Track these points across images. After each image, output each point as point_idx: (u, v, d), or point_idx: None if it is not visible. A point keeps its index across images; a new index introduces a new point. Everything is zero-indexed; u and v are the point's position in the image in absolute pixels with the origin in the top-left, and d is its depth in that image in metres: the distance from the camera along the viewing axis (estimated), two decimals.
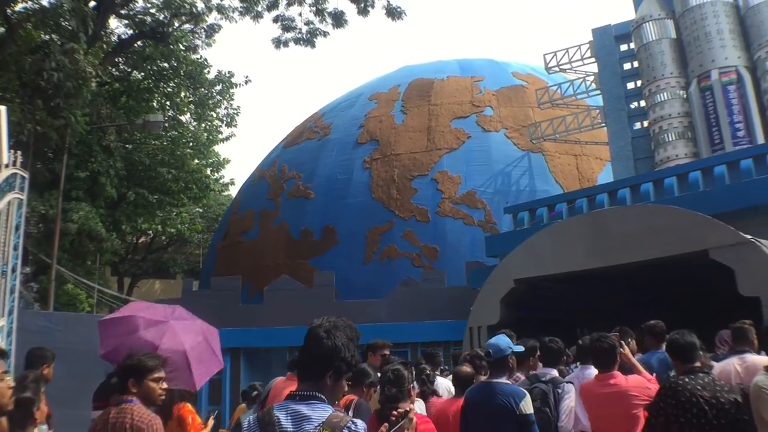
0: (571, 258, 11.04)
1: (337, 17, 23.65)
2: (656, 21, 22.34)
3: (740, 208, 13.18)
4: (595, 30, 24.59)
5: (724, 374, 5.80)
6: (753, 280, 9.08)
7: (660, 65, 21.74)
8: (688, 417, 4.09)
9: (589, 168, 26.00)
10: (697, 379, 4.28)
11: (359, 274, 23.11)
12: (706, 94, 20.32)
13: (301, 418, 2.93)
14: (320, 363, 3.06)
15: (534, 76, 29.32)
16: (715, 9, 20.95)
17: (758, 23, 20.24)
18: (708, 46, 20.64)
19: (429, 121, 26.45)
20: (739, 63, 20.28)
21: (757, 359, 5.70)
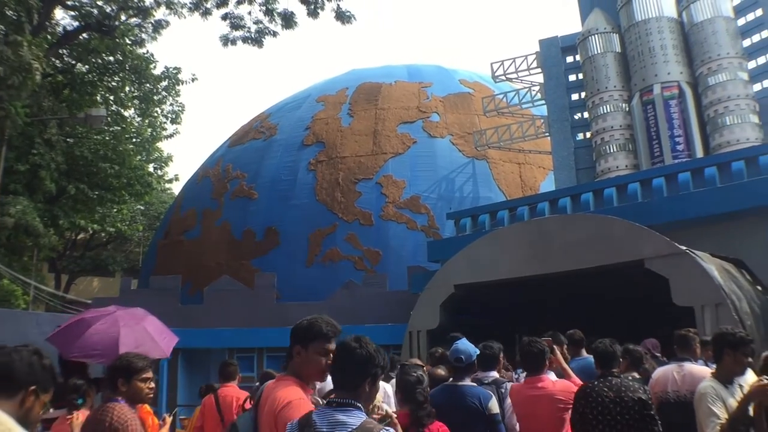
0: (511, 264, 11.18)
1: (287, 18, 23.56)
2: (602, 34, 22.76)
3: (677, 220, 13.54)
4: (542, 41, 24.96)
5: (662, 380, 6.01)
6: (686, 290, 9.31)
7: (604, 78, 22.16)
8: (595, 414, 4.72)
9: (532, 176, 26.37)
10: (605, 382, 4.90)
11: (301, 277, 23.06)
12: (648, 107, 20.77)
13: (336, 424, 3.12)
14: (358, 372, 3.27)
15: (481, 84, 29.63)
16: (659, 25, 21.43)
17: (701, 40, 20.75)
18: (651, 60, 21.09)
19: (375, 125, 26.52)
20: (681, 78, 20.76)
21: (695, 368, 5.86)
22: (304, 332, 3.80)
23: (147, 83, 31.22)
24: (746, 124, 19.48)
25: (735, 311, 8.97)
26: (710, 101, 20.09)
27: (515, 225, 13.95)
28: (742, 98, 19.82)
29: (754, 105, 19.95)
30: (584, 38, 23.06)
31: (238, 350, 17.13)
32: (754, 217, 13.18)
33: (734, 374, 4.72)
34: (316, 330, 3.79)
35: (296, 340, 3.82)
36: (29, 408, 2.87)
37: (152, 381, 4.87)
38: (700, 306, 9.08)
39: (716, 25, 20.68)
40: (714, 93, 20.06)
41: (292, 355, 3.81)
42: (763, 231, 13.19)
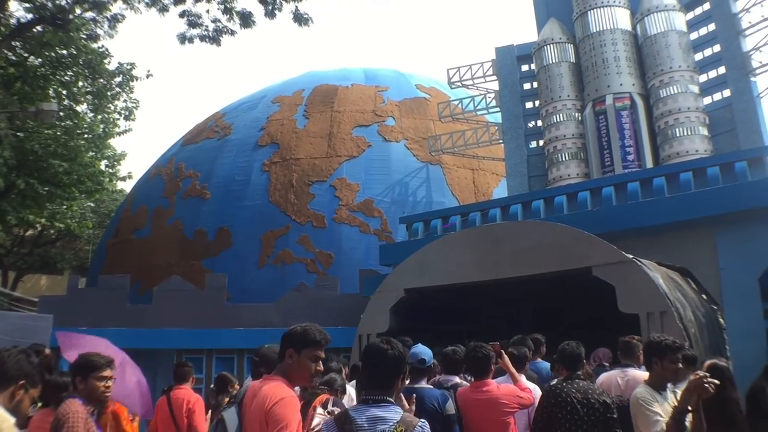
0: (461, 270, 11.18)
1: (245, 17, 23.32)
2: (557, 44, 23.02)
3: (626, 229, 13.75)
4: (498, 49, 25.14)
5: (605, 385, 6.10)
6: (632, 298, 9.40)
7: (558, 87, 22.42)
8: (563, 413, 4.95)
9: (485, 182, 26.54)
10: (572, 384, 5.16)
11: (253, 278, 22.89)
12: (600, 117, 21.05)
13: (375, 419, 3.41)
14: (392, 371, 3.61)
15: (437, 89, 29.77)
16: (613, 37, 21.74)
17: (654, 53, 21.10)
18: (605, 71, 21.39)
19: (331, 127, 26.47)
20: (634, 90, 21.09)
21: (638, 374, 5.95)
22: (298, 338, 3.89)
23: (101, 78, 30.62)
24: (696, 137, 19.85)
25: (679, 319, 9.09)
26: (661, 113, 20.44)
27: (466, 230, 13.98)
28: (692, 111, 20.19)
29: (704, 118, 20.33)
30: (539, 47, 23.30)
31: (187, 351, 16.90)
32: (701, 227, 13.44)
33: (665, 381, 4.81)
34: (310, 337, 3.89)
35: (290, 344, 3.90)
36: (19, 401, 3.21)
37: (110, 380, 4.86)
38: (645, 313, 9.17)
39: (669, 39, 21.05)
40: (665, 105, 20.41)
41: (284, 357, 3.89)
42: (710, 241, 13.45)
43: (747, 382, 9.87)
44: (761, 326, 12.71)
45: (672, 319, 9.00)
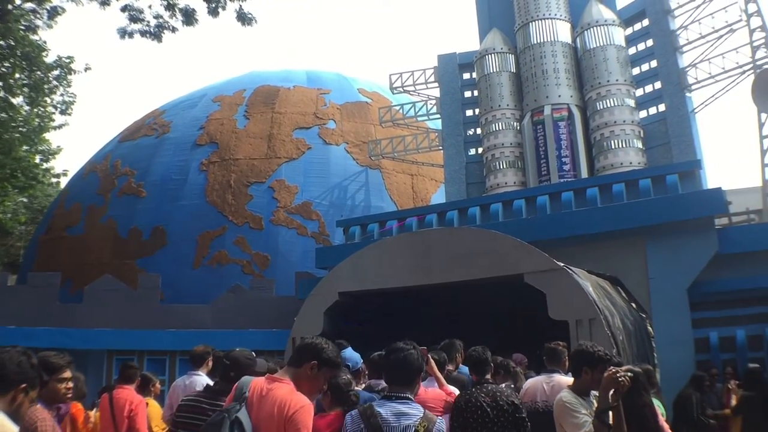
0: (396, 274, 11.17)
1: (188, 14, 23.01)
2: (498, 54, 23.25)
3: (559, 237, 13.93)
4: (440, 56, 25.30)
5: (532, 390, 6.17)
6: (562, 305, 9.49)
7: (498, 96, 22.65)
8: (475, 417, 5.10)
9: (424, 188, 26.68)
10: (482, 389, 5.31)
11: (187, 279, 22.60)
12: (538, 127, 21.32)
13: (399, 414, 3.75)
14: (416, 372, 4.03)
15: (379, 94, 29.83)
16: (553, 48, 22.06)
17: (593, 66, 21.47)
18: (544, 82, 21.67)
19: (271, 128, 26.30)
20: (572, 101, 21.42)
21: (563, 379, 5.99)
22: (326, 355, 3.97)
23: (38, 71, 29.90)
24: (630, 149, 20.25)
25: (607, 327, 9.21)
26: (598, 125, 20.79)
27: (401, 235, 14.01)
28: (628, 124, 20.59)
29: (639, 131, 20.76)
30: (481, 56, 23.51)
31: (118, 352, 16.56)
32: (632, 237, 13.69)
33: (591, 389, 4.85)
34: (336, 360, 4.04)
35: (315, 357, 3.95)
36: (19, 404, 3.17)
37: (70, 381, 4.75)
38: (575, 320, 9.28)
39: (608, 53, 21.44)
40: (602, 117, 20.77)
41: (302, 365, 3.94)
42: (641, 251, 13.69)
43: (675, 390, 10.10)
44: (689, 335, 12.98)
45: (600, 326, 9.12)
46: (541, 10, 22.50)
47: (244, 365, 4.84)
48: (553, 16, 22.45)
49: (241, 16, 22.21)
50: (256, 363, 5.04)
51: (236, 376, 4.48)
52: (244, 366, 4.83)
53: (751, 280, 13.30)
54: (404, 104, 26.52)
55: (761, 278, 13.31)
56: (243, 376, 4.29)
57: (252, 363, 4.91)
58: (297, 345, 4.20)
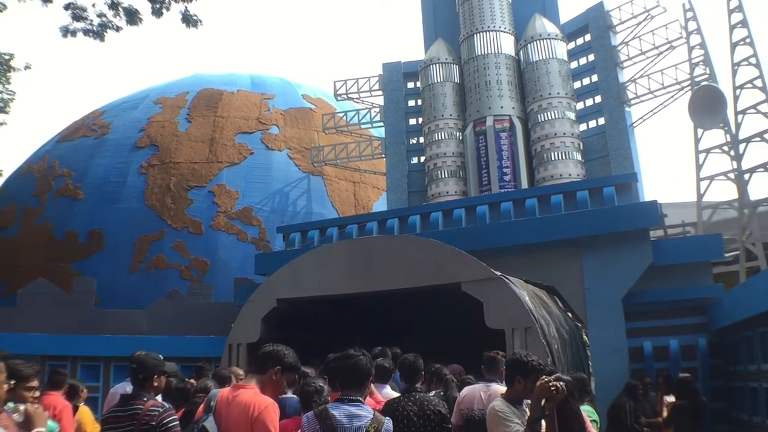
0: (334, 281, 11.13)
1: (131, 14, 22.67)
2: (443, 64, 23.42)
3: (498, 247, 14.02)
4: (385, 65, 25.38)
5: (469, 398, 6.18)
6: (498, 314, 9.57)
7: (441, 106, 22.80)
8: (401, 427, 5.05)
9: (366, 196, 26.69)
10: (410, 397, 5.31)
11: (124, 283, 22.22)
12: (480, 138, 21.51)
13: (351, 416, 4.02)
14: (365, 376, 4.30)
15: (323, 100, 29.73)
16: (497, 60, 22.30)
17: (535, 78, 21.78)
18: (487, 93, 21.89)
19: (213, 132, 26.02)
20: (514, 113, 21.68)
21: (500, 389, 6.00)
22: (288, 360, 4.46)
23: None
24: (570, 161, 20.57)
25: (543, 335, 9.31)
26: (538, 136, 21.08)
27: (340, 242, 13.99)
28: (568, 136, 20.93)
29: (579, 143, 21.11)
30: (426, 66, 23.65)
31: (51, 358, 16.11)
32: (569, 247, 13.86)
33: (524, 397, 4.86)
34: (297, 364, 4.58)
35: (279, 363, 4.42)
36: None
37: (37, 390, 4.86)
38: (511, 329, 9.36)
39: (550, 66, 21.77)
40: (542, 129, 21.06)
41: (266, 370, 4.39)
42: (577, 261, 13.87)
43: (609, 398, 10.23)
44: (623, 345, 13.18)
45: (536, 335, 9.21)
46: (485, 22, 22.75)
47: (151, 366, 4.79)
48: (497, 29, 22.72)
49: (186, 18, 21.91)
50: (165, 365, 4.99)
51: (144, 378, 4.67)
52: (151, 367, 4.78)
53: (684, 291, 13.60)
54: (348, 111, 26.53)
55: (694, 289, 13.63)
56: (151, 377, 4.64)
57: (159, 364, 4.87)
58: (260, 352, 4.53)
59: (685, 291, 13.63)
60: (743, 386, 11.48)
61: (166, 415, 4.52)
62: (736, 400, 11.96)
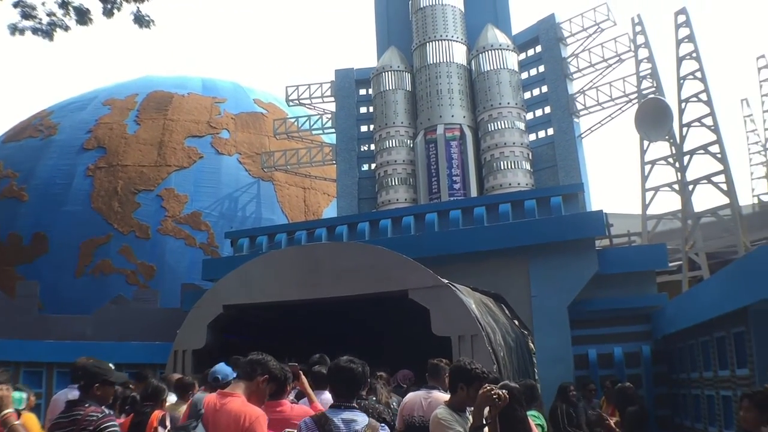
0: (282, 288, 11.08)
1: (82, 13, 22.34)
2: (395, 72, 23.47)
3: (446, 254, 14.11)
4: (338, 71, 25.36)
5: (410, 405, 6.19)
6: (445, 321, 9.62)
7: (393, 113, 22.84)
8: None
9: (316, 202, 26.64)
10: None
11: (69, 288, 21.85)
12: (431, 146, 21.60)
13: (349, 421, 4.17)
14: (360, 384, 4.47)
15: (275, 105, 29.58)
16: (449, 69, 22.43)
17: (486, 88, 21.95)
18: (438, 102, 22.00)
19: (162, 135, 25.71)
20: (464, 122, 21.81)
21: (440, 396, 6.03)
22: (273, 369, 4.66)
23: None
24: (519, 170, 20.78)
25: (489, 343, 9.37)
26: (488, 146, 21.25)
27: (288, 249, 13.95)
28: (517, 146, 21.14)
29: (528, 153, 21.34)
30: (378, 73, 23.68)
31: None
32: (516, 256, 14.02)
33: (467, 405, 4.88)
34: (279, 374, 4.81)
35: (267, 372, 4.58)
36: None
37: None
38: (457, 336, 9.41)
39: (501, 76, 21.97)
40: (492, 138, 21.24)
41: (254, 378, 4.50)
42: (524, 269, 14.03)
43: None
44: (569, 352, 13.36)
45: (482, 342, 9.27)
46: (438, 31, 22.87)
47: (92, 374, 4.78)
48: (449, 38, 22.85)
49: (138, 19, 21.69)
50: (109, 372, 4.94)
51: (86, 384, 4.69)
52: (92, 375, 4.77)
53: (629, 299, 13.88)
54: (299, 117, 26.46)
55: (639, 298, 13.92)
56: (92, 384, 4.65)
57: (101, 372, 4.84)
58: (246, 360, 4.63)
59: (630, 299, 13.90)
60: (686, 393, 11.71)
61: (103, 420, 4.52)
62: (680, 407, 12.20)
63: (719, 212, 21.04)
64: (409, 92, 23.33)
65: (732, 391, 8.99)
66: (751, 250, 13.17)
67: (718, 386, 9.77)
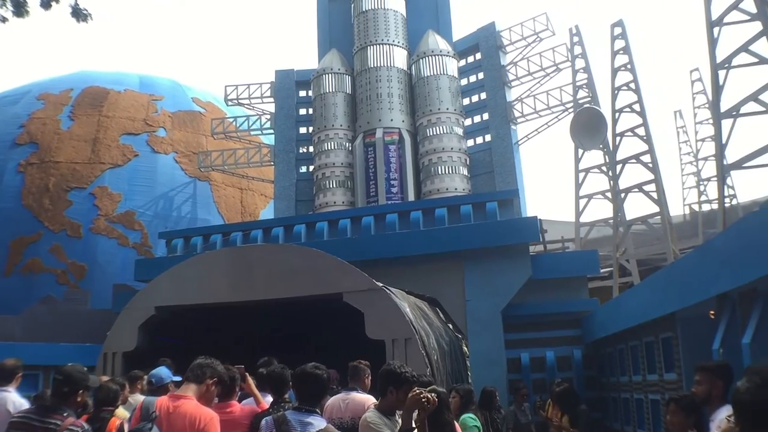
0: (217, 289, 10.91)
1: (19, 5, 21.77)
2: (335, 74, 23.47)
3: (383, 258, 14.15)
4: (278, 72, 25.25)
5: (329, 407, 6.16)
6: (379, 324, 9.60)
7: (332, 116, 22.83)
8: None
9: (253, 203, 26.44)
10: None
11: None
12: (370, 149, 21.65)
13: (306, 424, 4.30)
14: (323, 389, 4.63)
15: (213, 105, 29.28)
16: (389, 73, 22.52)
17: (426, 93, 22.11)
18: (378, 106, 22.07)
19: (97, 132, 25.20)
20: (403, 126, 21.92)
21: (358, 397, 6.05)
22: (222, 373, 4.79)
23: None
24: (456, 175, 20.97)
25: (422, 346, 9.40)
26: (427, 150, 21.40)
27: (222, 250, 13.82)
28: (455, 151, 21.33)
29: (466, 158, 21.55)
30: (318, 75, 23.64)
31: None
32: (451, 260, 14.13)
33: (396, 408, 4.89)
34: (225, 376, 4.89)
35: (215, 375, 4.67)
36: None
37: None
38: (391, 340, 9.42)
39: (440, 82, 22.17)
40: (431, 143, 21.39)
41: (203, 381, 4.58)
42: (459, 274, 14.15)
43: None
44: (502, 356, 13.52)
45: (416, 346, 9.30)
46: (379, 35, 22.95)
47: (76, 380, 4.65)
48: (391, 42, 22.95)
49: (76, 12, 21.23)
50: (89, 378, 4.84)
51: (69, 391, 4.57)
52: (76, 381, 4.65)
53: (561, 304, 14.13)
54: (238, 117, 26.27)
55: (571, 303, 14.17)
56: (76, 392, 4.59)
57: (85, 378, 4.72)
58: (197, 363, 4.67)
59: (562, 304, 14.15)
60: (615, 397, 11.95)
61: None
62: (609, 410, 12.43)
63: (650, 220, 21.54)
64: (349, 95, 23.35)
65: (660, 395, 9.18)
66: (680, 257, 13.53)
67: (646, 390, 9.97)
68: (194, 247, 16.74)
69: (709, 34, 15.31)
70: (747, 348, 5.73)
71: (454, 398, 6.67)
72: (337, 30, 25.00)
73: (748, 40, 14.35)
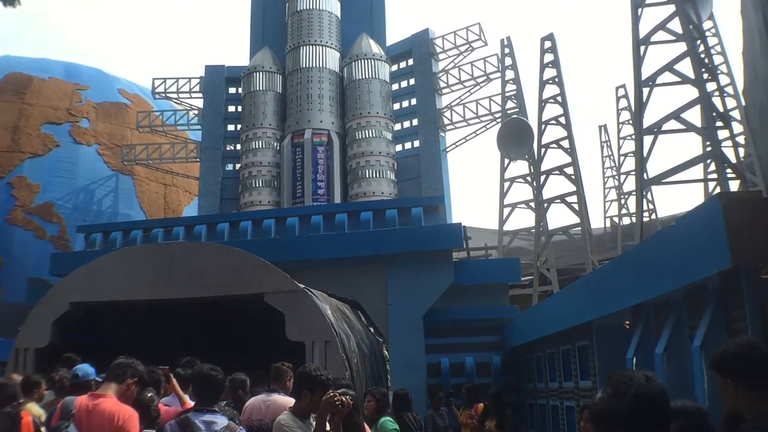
0: (135, 286, 10.70)
1: None
2: (266, 72, 23.33)
3: (306, 259, 14.09)
4: (208, 67, 24.96)
5: (250, 408, 6.15)
6: (300, 326, 9.59)
7: (261, 115, 22.68)
8: None
9: (177, 199, 26.05)
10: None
11: None
12: (297, 150, 21.58)
13: (209, 423, 4.39)
14: (219, 390, 4.77)
15: (140, 97, 28.71)
16: (320, 75, 22.49)
17: (356, 96, 22.16)
18: (308, 106, 22.02)
19: (18, 120, 24.45)
20: (332, 128, 21.92)
21: (279, 399, 6.03)
22: (142, 374, 4.83)
23: None
24: (383, 179, 21.07)
25: (342, 349, 9.42)
26: (355, 153, 21.45)
27: (141, 246, 13.60)
28: (383, 155, 21.43)
29: (394, 163, 21.66)
30: (249, 73, 23.46)
31: None
32: (375, 264, 14.17)
33: (311, 411, 4.88)
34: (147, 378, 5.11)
35: (136, 375, 4.72)
36: None
37: None
38: (311, 342, 9.41)
39: (372, 86, 22.25)
40: (359, 146, 21.45)
41: (124, 380, 4.63)
42: (382, 278, 14.19)
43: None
44: (422, 360, 13.60)
45: (336, 348, 9.32)
46: (313, 35, 22.89)
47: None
48: (324, 43, 22.92)
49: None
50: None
51: None
52: None
53: (482, 310, 14.32)
54: (165, 111, 25.82)
55: (492, 309, 14.38)
56: None
57: None
58: (117, 363, 4.73)
59: (483, 311, 14.34)
60: (533, 403, 12.16)
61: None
62: (527, 416, 12.63)
63: (570, 231, 21.95)
64: (280, 94, 23.24)
65: (575, 402, 9.36)
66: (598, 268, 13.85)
67: (562, 397, 10.16)
68: (114, 243, 16.35)
69: (635, 52, 15.67)
70: (660, 358, 5.88)
71: (369, 402, 6.68)
72: (270, 28, 24.84)
73: (672, 59, 14.74)
